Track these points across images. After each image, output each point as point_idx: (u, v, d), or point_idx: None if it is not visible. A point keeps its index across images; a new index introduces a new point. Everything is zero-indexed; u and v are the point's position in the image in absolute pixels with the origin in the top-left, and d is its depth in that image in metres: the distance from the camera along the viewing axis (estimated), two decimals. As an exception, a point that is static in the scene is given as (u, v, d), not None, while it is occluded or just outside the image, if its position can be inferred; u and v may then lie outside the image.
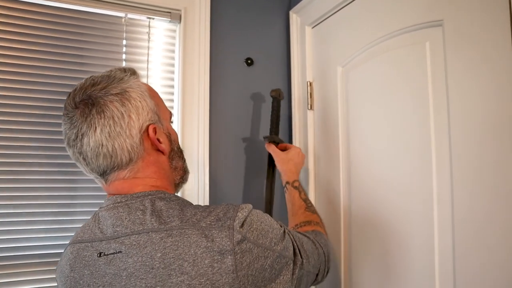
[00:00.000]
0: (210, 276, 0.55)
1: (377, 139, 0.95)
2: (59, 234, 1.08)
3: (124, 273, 0.58)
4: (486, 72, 0.68)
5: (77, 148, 0.64)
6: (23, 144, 1.05)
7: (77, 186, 1.11)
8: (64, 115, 0.65)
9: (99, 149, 0.62)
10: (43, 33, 1.09)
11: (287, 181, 1.05)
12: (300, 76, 1.32)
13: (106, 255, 0.60)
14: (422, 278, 0.80)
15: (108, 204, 0.65)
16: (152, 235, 0.58)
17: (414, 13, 0.85)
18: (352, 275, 1.03)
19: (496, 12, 0.67)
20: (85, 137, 0.62)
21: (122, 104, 0.64)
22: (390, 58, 0.92)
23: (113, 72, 0.68)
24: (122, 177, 0.65)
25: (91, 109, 0.62)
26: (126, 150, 0.64)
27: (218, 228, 0.58)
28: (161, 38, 1.25)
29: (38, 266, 1.05)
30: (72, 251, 0.65)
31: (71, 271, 0.63)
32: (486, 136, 0.68)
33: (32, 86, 1.07)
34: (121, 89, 0.65)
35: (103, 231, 0.63)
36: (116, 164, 0.64)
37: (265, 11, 1.39)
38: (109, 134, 0.62)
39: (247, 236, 0.59)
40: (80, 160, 0.65)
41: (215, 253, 0.56)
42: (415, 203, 0.83)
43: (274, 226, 0.65)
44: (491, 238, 0.66)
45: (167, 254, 0.56)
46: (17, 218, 1.04)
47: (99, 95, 0.63)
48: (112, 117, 0.63)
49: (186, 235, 0.57)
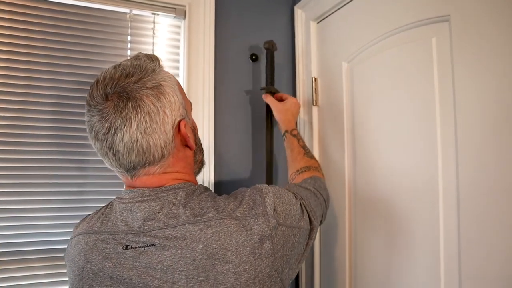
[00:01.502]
0: (252, 262, 0.58)
1: (383, 134, 0.95)
2: (63, 230, 1.09)
3: (159, 266, 0.58)
4: (493, 68, 0.68)
5: (107, 142, 0.61)
6: (26, 141, 1.06)
7: (82, 182, 1.11)
8: (92, 106, 0.62)
9: (134, 146, 0.60)
10: (48, 29, 1.09)
11: (286, 129, 1.09)
12: (305, 71, 1.31)
13: (134, 248, 0.59)
14: (427, 258, 0.80)
15: (134, 196, 0.63)
16: (189, 227, 0.59)
17: (420, 8, 0.84)
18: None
19: (503, 7, 0.66)
20: (119, 132, 0.59)
21: (158, 99, 0.62)
22: (396, 53, 0.92)
23: (143, 61, 0.66)
24: (152, 172, 0.64)
25: (126, 103, 0.59)
26: (159, 147, 0.62)
27: (253, 217, 0.60)
28: (166, 34, 1.25)
29: (41, 261, 1.06)
30: (88, 242, 0.63)
31: (86, 262, 0.62)
32: (493, 132, 0.67)
33: (37, 83, 1.08)
34: (156, 83, 0.63)
35: (129, 224, 0.62)
36: (148, 160, 0.62)
37: (269, 7, 1.38)
38: (145, 130, 0.60)
39: (279, 220, 0.62)
40: (109, 155, 0.62)
41: (255, 241, 0.59)
42: (420, 198, 0.83)
43: (293, 201, 0.69)
44: (496, 226, 0.66)
45: (210, 245, 0.57)
46: (21, 214, 1.05)
47: (134, 88, 0.60)
48: (149, 112, 0.60)
49: (226, 225, 0.59)
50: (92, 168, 1.12)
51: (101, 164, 1.12)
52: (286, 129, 1.09)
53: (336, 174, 1.14)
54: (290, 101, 1.14)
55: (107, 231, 0.63)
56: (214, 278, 0.56)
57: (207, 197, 0.64)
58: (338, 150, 1.14)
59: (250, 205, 0.62)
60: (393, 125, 0.92)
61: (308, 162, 0.99)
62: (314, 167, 0.98)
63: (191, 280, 0.56)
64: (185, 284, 0.56)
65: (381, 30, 0.96)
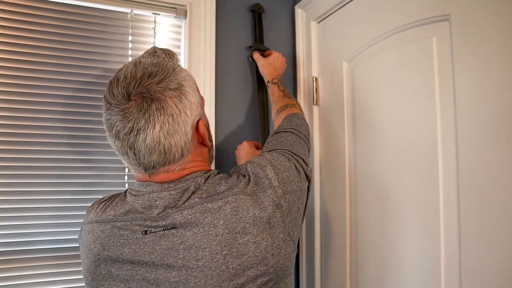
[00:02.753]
0: (268, 231, 0.63)
1: (383, 134, 0.95)
2: (69, 229, 1.09)
3: (181, 246, 0.61)
4: (494, 68, 0.68)
5: (128, 142, 0.62)
6: (28, 140, 1.07)
7: (88, 181, 1.12)
8: (112, 105, 0.62)
9: (156, 146, 0.61)
10: (49, 29, 1.09)
11: (268, 80, 1.19)
12: (305, 71, 1.32)
13: (153, 233, 0.62)
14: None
15: (152, 190, 0.65)
16: (208, 205, 0.62)
17: (421, 8, 0.84)
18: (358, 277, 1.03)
19: (503, 7, 0.66)
20: (142, 133, 0.60)
21: (180, 100, 0.63)
22: (396, 53, 0.92)
23: (162, 59, 0.67)
24: (171, 170, 0.66)
25: (150, 104, 0.60)
26: (179, 147, 0.64)
27: (262, 191, 0.65)
28: (166, 34, 1.25)
29: (48, 260, 1.07)
30: (104, 230, 0.65)
31: (103, 249, 0.64)
32: (494, 133, 0.68)
33: (38, 82, 1.08)
34: (178, 84, 0.64)
35: (147, 211, 0.64)
36: (168, 160, 0.64)
37: (270, 6, 1.39)
38: (168, 131, 0.62)
39: (284, 189, 0.67)
40: (129, 154, 0.63)
41: (269, 211, 0.64)
42: (421, 199, 0.83)
43: (287, 166, 0.72)
44: (497, 221, 0.66)
45: (229, 220, 0.61)
46: (27, 213, 1.05)
47: (157, 89, 0.61)
48: (172, 114, 0.62)
49: (242, 200, 0.63)
50: (98, 167, 1.13)
51: (106, 164, 1.13)
52: (268, 80, 1.19)
53: (337, 174, 1.14)
54: (272, 55, 1.22)
55: (124, 218, 0.65)
56: (236, 250, 0.61)
57: (220, 179, 0.67)
58: (339, 149, 1.14)
59: (256, 181, 0.66)
60: (393, 125, 0.92)
61: (286, 101, 1.06)
62: (292, 104, 1.05)
63: (215, 255, 0.60)
64: (209, 259, 0.60)
65: (381, 30, 0.96)
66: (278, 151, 0.78)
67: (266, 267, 0.62)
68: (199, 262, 0.60)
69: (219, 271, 0.60)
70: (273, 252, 0.63)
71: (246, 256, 0.61)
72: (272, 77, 1.18)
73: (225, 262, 0.60)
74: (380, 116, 0.97)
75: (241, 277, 0.61)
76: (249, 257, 0.61)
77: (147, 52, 0.72)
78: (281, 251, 0.64)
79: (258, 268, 0.62)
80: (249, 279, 0.61)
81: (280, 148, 0.80)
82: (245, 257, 0.61)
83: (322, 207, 1.22)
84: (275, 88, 1.15)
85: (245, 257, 0.61)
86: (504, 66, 0.66)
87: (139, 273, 0.62)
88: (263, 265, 0.62)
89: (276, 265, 0.63)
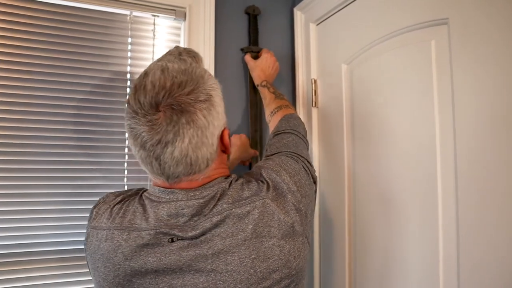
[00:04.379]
0: (291, 235, 0.65)
1: (382, 136, 0.96)
2: (72, 231, 1.10)
3: (210, 252, 0.61)
4: (492, 71, 0.68)
5: (154, 153, 0.60)
6: (31, 142, 1.07)
7: (92, 183, 1.12)
8: (139, 114, 0.60)
9: (183, 159, 0.60)
10: (48, 31, 1.09)
11: (257, 84, 1.19)
12: (304, 73, 1.32)
13: (180, 240, 0.61)
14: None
15: (176, 198, 0.64)
16: (237, 211, 0.63)
17: (419, 11, 0.85)
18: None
19: (501, 11, 0.67)
20: (170, 145, 0.59)
21: (209, 112, 0.62)
22: (395, 56, 0.92)
23: (189, 65, 0.65)
24: (195, 179, 0.65)
25: (179, 117, 0.59)
26: (205, 158, 0.63)
27: (282, 196, 0.67)
28: (166, 36, 1.25)
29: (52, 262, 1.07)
30: (127, 239, 0.62)
31: (125, 260, 0.62)
32: (492, 135, 0.68)
33: (37, 84, 1.08)
34: (207, 95, 0.63)
35: (173, 219, 0.62)
36: (193, 171, 0.63)
37: (269, 9, 1.39)
38: (196, 144, 0.60)
39: (301, 192, 0.69)
40: (154, 164, 0.61)
41: (291, 215, 0.66)
42: (421, 200, 0.84)
43: (297, 168, 0.73)
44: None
45: (257, 224, 0.63)
46: (31, 215, 1.06)
47: (187, 101, 0.59)
48: (201, 127, 0.60)
49: (268, 204, 0.64)
50: (102, 169, 1.13)
51: (110, 165, 1.13)
52: (257, 83, 1.19)
53: (335, 176, 1.15)
54: (261, 57, 1.23)
55: (148, 227, 0.62)
56: (263, 254, 0.62)
57: (241, 184, 0.68)
58: (337, 152, 1.14)
59: (274, 186, 0.68)
60: (392, 127, 0.92)
61: (279, 103, 1.06)
62: (285, 105, 1.05)
63: (244, 259, 0.61)
64: (238, 264, 0.61)
65: (380, 32, 0.97)
66: (284, 154, 0.78)
67: (289, 269, 0.64)
68: (228, 267, 0.60)
69: (247, 275, 0.61)
70: (295, 254, 0.65)
71: (272, 260, 0.62)
72: (261, 80, 1.18)
73: (253, 265, 0.61)
74: (379, 119, 0.97)
75: (268, 280, 0.62)
76: (275, 261, 0.62)
77: (171, 54, 0.70)
78: (301, 253, 0.66)
79: (283, 271, 0.63)
80: (275, 282, 0.63)
81: (285, 150, 0.80)
82: (271, 261, 0.62)
83: (321, 209, 1.22)
84: (265, 90, 1.14)
85: (271, 261, 0.62)
86: (502, 69, 0.67)
87: (164, 281, 0.61)
88: (286, 267, 0.64)
89: (297, 267, 0.66)
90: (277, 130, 0.91)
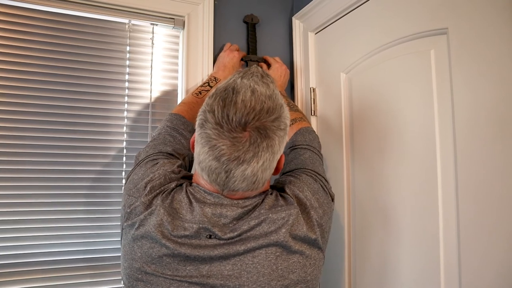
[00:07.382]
0: (311, 246, 0.70)
1: (381, 145, 0.95)
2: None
3: (242, 248, 0.65)
4: (492, 80, 0.68)
5: (227, 167, 0.62)
6: (36, 151, 1.06)
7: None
8: (224, 128, 0.62)
9: (251, 178, 0.64)
10: (46, 39, 1.09)
11: None
12: (303, 82, 1.32)
13: (218, 239, 0.65)
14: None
15: (222, 203, 0.67)
16: (273, 216, 0.67)
17: (419, 21, 0.85)
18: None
19: (499, 21, 0.67)
20: (245, 164, 0.62)
21: (282, 140, 0.66)
22: (394, 65, 0.92)
23: (273, 91, 0.67)
24: (247, 195, 0.69)
25: (262, 141, 0.62)
26: (266, 179, 0.67)
27: (306, 212, 0.72)
28: (164, 44, 1.25)
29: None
30: (170, 222, 0.66)
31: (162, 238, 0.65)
32: (491, 143, 0.68)
33: (35, 93, 1.07)
34: (285, 124, 0.67)
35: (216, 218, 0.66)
36: (252, 188, 0.66)
37: (268, 18, 1.39)
38: (266, 167, 0.64)
39: (322, 209, 0.75)
40: (220, 175, 0.64)
41: (315, 231, 0.71)
42: (421, 209, 0.83)
43: (315, 187, 0.78)
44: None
45: (289, 229, 0.67)
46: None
47: (271, 127, 0.63)
48: (274, 152, 0.65)
49: (299, 215, 0.70)
50: (100, 178, 1.12)
51: (108, 175, 1.12)
52: None
53: (335, 184, 1.14)
54: (272, 67, 1.25)
55: (192, 219, 0.66)
56: (286, 254, 0.67)
57: (276, 195, 0.73)
58: (337, 160, 1.14)
59: (299, 202, 0.72)
60: (392, 136, 0.92)
61: (293, 115, 1.05)
62: (299, 118, 1.06)
63: (269, 254, 0.66)
64: (264, 257, 0.65)
65: (379, 42, 0.97)
66: (303, 171, 0.82)
67: (305, 274, 0.69)
68: (255, 259, 0.65)
69: (270, 270, 0.65)
70: (311, 262, 0.70)
71: (292, 261, 0.67)
72: None
73: (276, 262, 0.66)
74: (378, 127, 0.97)
75: (286, 279, 0.66)
76: (294, 263, 0.67)
77: (255, 75, 0.70)
78: (317, 262, 0.71)
79: (300, 274, 0.68)
80: (292, 283, 0.67)
81: (303, 167, 0.84)
82: (291, 261, 0.67)
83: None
84: None
85: (291, 261, 0.67)
86: (501, 79, 0.67)
87: (193, 264, 0.65)
88: (303, 272, 0.68)
89: (312, 274, 0.70)
90: (293, 144, 0.95)
